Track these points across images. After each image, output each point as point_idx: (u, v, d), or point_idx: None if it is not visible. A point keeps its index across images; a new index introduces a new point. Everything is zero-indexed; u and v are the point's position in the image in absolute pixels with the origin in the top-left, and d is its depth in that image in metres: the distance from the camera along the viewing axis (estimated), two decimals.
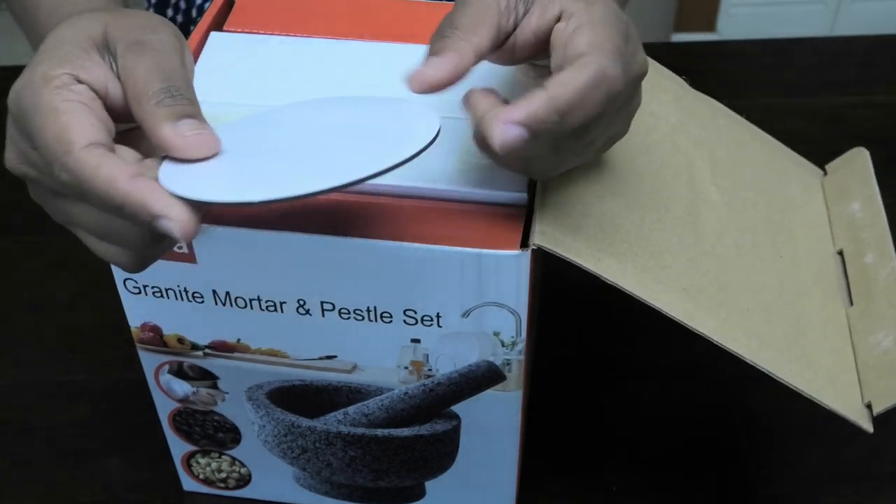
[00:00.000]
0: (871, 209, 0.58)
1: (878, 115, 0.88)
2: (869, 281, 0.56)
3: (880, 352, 0.52)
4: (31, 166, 0.39)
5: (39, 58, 0.38)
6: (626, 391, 0.68)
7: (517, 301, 0.47)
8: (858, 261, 0.57)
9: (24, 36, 0.61)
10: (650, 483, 0.63)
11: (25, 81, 0.38)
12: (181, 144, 0.37)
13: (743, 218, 0.56)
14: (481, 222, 0.46)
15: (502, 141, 0.39)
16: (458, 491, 0.58)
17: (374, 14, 0.56)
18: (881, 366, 0.52)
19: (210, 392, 0.55)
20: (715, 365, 0.68)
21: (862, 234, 0.58)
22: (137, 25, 0.39)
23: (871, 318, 0.54)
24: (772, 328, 0.51)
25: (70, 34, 0.39)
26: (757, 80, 0.93)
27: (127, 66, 0.38)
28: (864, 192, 0.60)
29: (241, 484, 0.61)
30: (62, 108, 0.36)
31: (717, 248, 0.52)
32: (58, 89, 0.37)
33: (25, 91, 0.37)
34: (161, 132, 0.37)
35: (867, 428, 0.50)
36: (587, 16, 0.42)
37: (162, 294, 0.50)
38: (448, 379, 0.51)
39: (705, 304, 0.49)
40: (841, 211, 0.60)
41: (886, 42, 0.98)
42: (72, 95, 0.37)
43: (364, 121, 0.42)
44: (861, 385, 0.52)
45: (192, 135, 0.37)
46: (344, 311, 0.49)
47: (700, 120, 0.59)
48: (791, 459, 0.64)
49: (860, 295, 0.56)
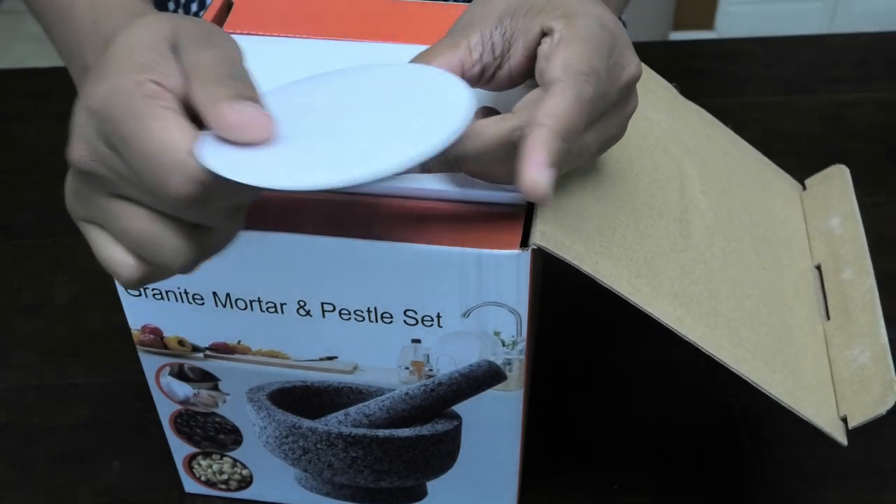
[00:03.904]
0: (850, 225, 0.59)
1: (876, 113, 0.88)
2: (846, 297, 0.56)
3: (857, 367, 0.53)
4: (102, 165, 0.39)
5: (120, 61, 0.38)
6: (627, 390, 0.68)
7: (517, 301, 0.47)
8: (836, 276, 0.58)
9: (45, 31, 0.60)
10: (651, 482, 0.63)
11: (114, 88, 0.38)
12: (236, 121, 0.37)
13: (729, 227, 0.56)
14: (481, 222, 0.47)
15: (544, 186, 0.41)
16: (459, 491, 0.58)
17: (373, 15, 0.56)
18: (857, 381, 0.53)
19: (211, 394, 0.55)
20: (715, 363, 0.68)
21: (840, 250, 0.58)
22: (203, 27, 0.40)
23: (848, 333, 0.55)
24: (757, 338, 0.52)
25: (147, 37, 0.39)
26: (755, 78, 0.93)
27: (193, 59, 0.39)
28: (844, 209, 0.60)
29: (243, 485, 0.61)
30: (161, 115, 0.37)
31: (706, 255, 0.53)
32: (150, 98, 0.37)
33: (117, 99, 0.37)
34: (219, 108, 0.37)
35: (842, 441, 0.51)
36: (566, 33, 0.43)
37: (162, 296, 0.50)
38: (449, 379, 0.51)
39: (695, 310, 0.49)
40: (819, 226, 0.61)
41: (885, 39, 0.98)
42: (165, 104, 0.37)
43: (398, 93, 0.42)
44: (837, 399, 0.53)
45: (252, 113, 0.37)
46: (344, 311, 0.49)
47: (689, 128, 0.60)
48: (792, 456, 0.64)
49: (837, 310, 0.56)
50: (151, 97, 0.37)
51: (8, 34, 2.14)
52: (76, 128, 0.39)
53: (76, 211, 0.41)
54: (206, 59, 0.38)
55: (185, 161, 0.36)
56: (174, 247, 0.39)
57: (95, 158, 0.39)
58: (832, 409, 0.52)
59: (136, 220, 0.39)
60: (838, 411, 0.52)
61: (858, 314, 0.55)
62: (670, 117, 0.58)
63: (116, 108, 0.37)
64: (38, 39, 0.66)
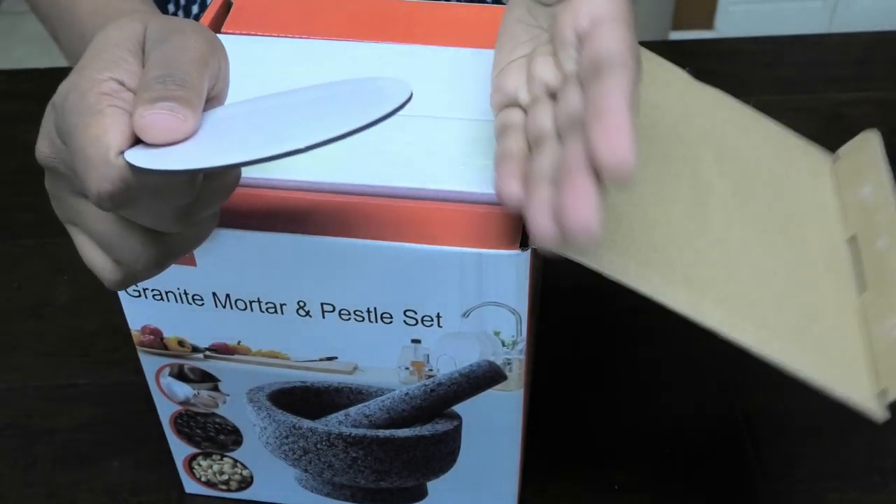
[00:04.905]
0: (882, 192, 0.58)
1: (876, 112, 0.88)
2: (882, 266, 0.54)
3: (893, 339, 0.51)
4: (62, 163, 0.39)
5: (87, 61, 0.38)
6: (627, 390, 0.68)
7: (517, 300, 0.47)
8: (871, 245, 0.56)
9: (51, 36, 0.61)
10: (652, 482, 0.63)
11: (74, 83, 0.38)
12: (146, 124, 0.36)
13: (751, 207, 0.55)
14: (481, 222, 0.46)
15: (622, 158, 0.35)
16: (459, 491, 0.58)
17: (372, 15, 0.56)
18: (894, 353, 0.51)
19: (211, 394, 0.55)
20: (716, 363, 0.68)
21: (874, 218, 0.57)
22: (167, 26, 0.39)
23: (885, 303, 0.53)
24: (782, 317, 0.51)
25: (116, 36, 0.39)
26: (755, 77, 0.93)
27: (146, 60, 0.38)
28: (875, 176, 0.59)
29: (243, 486, 0.61)
30: (106, 111, 0.36)
31: (725, 238, 0.52)
32: (103, 95, 0.37)
33: (73, 94, 0.37)
34: (136, 112, 0.36)
35: (882, 415, 0.49)
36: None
37: (162, 297, 0.50)
38: (449, 379, 0.51)
39: (712, 295, 0.48)
40: (852, 196, 0.60)
41: (884, 39, 0.98)
42: (117, 102, 0.37)
43: (337, 94, 0.41)
44: (875, 372, 0.51)
45: (163, 116, 0.36)
46: (344, 312, 0.49)
47: (704, 111, 0.59)
48: (793, 455, 0.64)
49: (873, 280, 0.55)
50: (105, 94, 0.37)
51: (8, 34, 2.15)
52: (42, 125, 0.39)
53: (58, 213, 0.41)
54: (150, 59, 0.38)
55: (107, 158, 0.35)
56: (134, 247, 0.39)
57: (55, 155, 0.39)
58: (867, 385, 0.51)
59: (99, 221, 0.39)
60: (876, 384, 0.51)
61: (894, 283, 0.53)
62: (682, 102, 0.58)
63: (70, 101, 0.37)
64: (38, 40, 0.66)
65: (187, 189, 0.37)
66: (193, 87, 0.38)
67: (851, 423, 0.50)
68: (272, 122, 0.39)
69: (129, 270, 0.40)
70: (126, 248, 0.39)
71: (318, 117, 0.38)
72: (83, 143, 0.36)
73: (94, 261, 0.40)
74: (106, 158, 0.35)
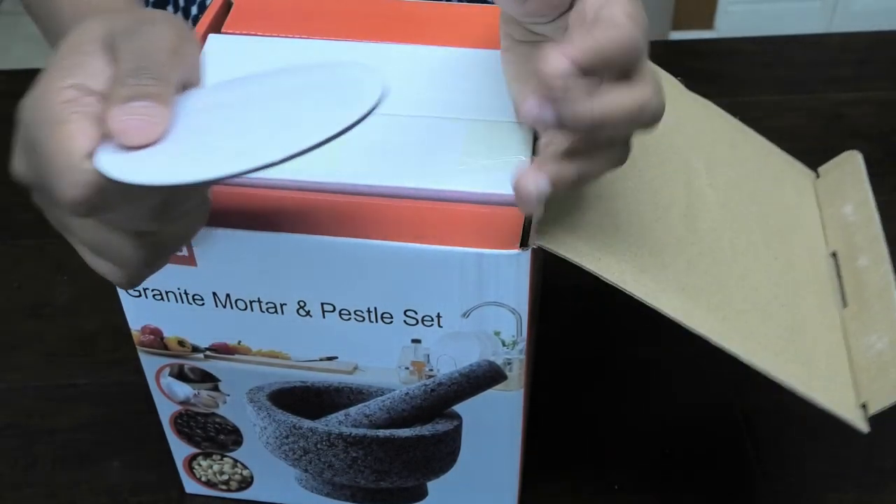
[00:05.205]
0: (864, 212, 0.59)
1: (876, 112, 0.88)
2: (862, 283, 0.56)
3: (874, 354, 0.53)
4: (36, 175, 0.39)
5: (50, 68, 0.38)
6: (628, 390, 0.68)
7: (518, 300, 0.47)
8: (852, 263, 0.57)
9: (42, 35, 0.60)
10: (652, 482, 0.63)
11: (36, 95, 0.37)
12: (119, 127, 0.36)
13: (738, 219, 0.56)
14: (481, 222, 0.47)
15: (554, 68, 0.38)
16: (459, 491, 0.58)
17: (372, 15, 0.56)
18: (875, 367, 0.52)
19: (211, 394, 0.55)
20: (716, 363, 0.68)
21: (855, 237, 0.58)
22: (135, 19, 0.39)
23: (865, 320, 0.55)
24: (768, 329, 0.51)
25: (77, 40, 0.39)
26: (755, 77, 0.93)
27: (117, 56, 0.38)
28: (857, 195, 0.60)
29: (244, 486, 0.61)
30: (70, 118, 0.36)
31: (714, 248, 0.53)
32: (66, 103, 0.36)
33: (36, 103, 0.37)
34: (110, 113, 0.36)
35: (863, 428, 0.51)
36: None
37: (162, 297, 0.50)
38: (449, 379, 0.51)
39: (704, 304, 0.49)
40: (834, 213, 0.61)
41: (884, 39, 0.98)
42: (80, 108, 0.36)
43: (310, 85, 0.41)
44: (856, 386, 0.53)
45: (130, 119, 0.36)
46: (344, 312, 0.49)
47: (695, 121, 0.59)
48: (793, 455, 0.64)
49: (853, 297, 0.56)
50: (66, 102, 0.36)
51: (8, 35, 2.15)
52: (15, 142, 0.39)
53: (52, 224, 0.41)
54: (121, 52, 0.37)
55: (76, 164, 0.35)
56: (122, 249, 0.39)
57: (30, 169, 0.38)
58: (850, 397, 0.52)
59: (85, 230, 0.39)
60: (857, 398, 0.52)
61: (874, 301, 0.55)
62: (675, 111, 0.58)
63: (35, 113, 0.37)
64: (38, 40, 0.66)
65: (156, 191, 0.37)
66: (166, 79, 0.37)
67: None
68: (245, 124, 0.39)
69: (128, 270, 0.40)
70: (114, 250, 0.39)
71: (292, 122, 0.38)
72: (50, 153, 0.36)
73: (98, 266, 0.41)
74: (74, 164, 0.35)
